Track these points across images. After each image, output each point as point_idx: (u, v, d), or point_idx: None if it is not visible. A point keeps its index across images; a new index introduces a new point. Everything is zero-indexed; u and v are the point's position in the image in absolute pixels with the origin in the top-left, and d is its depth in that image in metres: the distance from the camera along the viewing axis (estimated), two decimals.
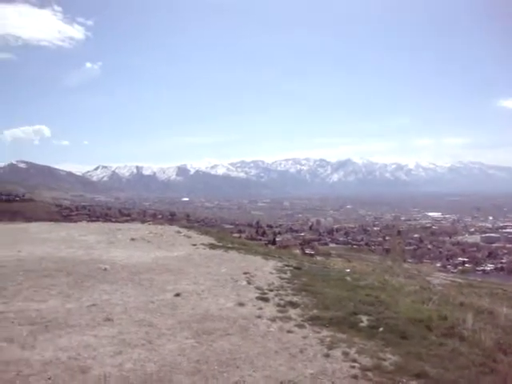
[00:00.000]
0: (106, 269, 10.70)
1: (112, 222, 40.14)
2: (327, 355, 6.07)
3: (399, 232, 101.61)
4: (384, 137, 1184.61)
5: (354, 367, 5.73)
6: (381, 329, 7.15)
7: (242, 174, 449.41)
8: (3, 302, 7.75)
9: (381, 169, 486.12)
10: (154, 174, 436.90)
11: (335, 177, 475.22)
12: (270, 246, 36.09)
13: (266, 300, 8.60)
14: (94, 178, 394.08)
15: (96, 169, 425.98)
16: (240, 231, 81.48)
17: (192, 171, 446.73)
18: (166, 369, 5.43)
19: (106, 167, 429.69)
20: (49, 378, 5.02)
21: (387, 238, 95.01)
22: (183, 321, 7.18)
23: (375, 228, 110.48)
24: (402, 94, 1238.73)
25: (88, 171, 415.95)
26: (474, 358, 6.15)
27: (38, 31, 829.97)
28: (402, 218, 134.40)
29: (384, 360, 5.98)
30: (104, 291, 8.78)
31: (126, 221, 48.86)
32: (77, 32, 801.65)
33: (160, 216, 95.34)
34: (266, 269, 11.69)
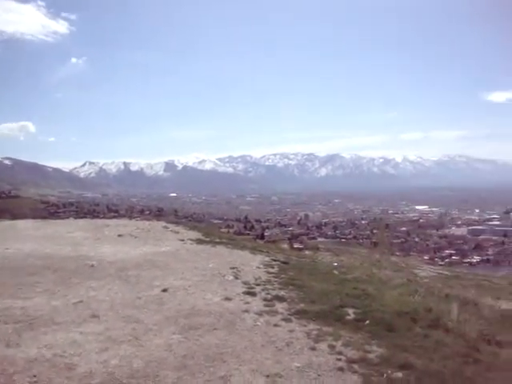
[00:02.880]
0: (93, 265, 10.65)
1: (100, 218, 39.82)
2: (313, 348, 6.12)
3: (387, 225, 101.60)
4: (373, 131, 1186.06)
5: (340, 360, 5.78)
6: (367, 322, 7.20)
7: (229, 169, 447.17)
8: None
9: (368, 163, 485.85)
10: (142, 169, 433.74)
11: (323, 171, 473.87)
12: (258, 240, 35.98)
13: (252, 294, 8.61)
14: (82, 175, 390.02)
15: (83, 165, 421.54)
16: (228, 226, 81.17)
17: (179, 167, 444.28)
18: (152, 364, 5.44)
19: (93, 163, 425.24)
20: (34, 376, 5.01)
21: (375, 231, 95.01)
22: (170, 316, 7.18)
23: (363, 221, 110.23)
24: (389, 89, 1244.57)
25: (75, 167, 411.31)
26: (458, 349, 6.25)
27: (22, 26, 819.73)
28: (390, 212, 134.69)
29: (370, 352, 6.04)
30: (91, 288, 8.76)
31: (114, 217, 48.49)
32: (61, 26, 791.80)
33: (148, 212, 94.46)
34: (253, 263, 11.70)
